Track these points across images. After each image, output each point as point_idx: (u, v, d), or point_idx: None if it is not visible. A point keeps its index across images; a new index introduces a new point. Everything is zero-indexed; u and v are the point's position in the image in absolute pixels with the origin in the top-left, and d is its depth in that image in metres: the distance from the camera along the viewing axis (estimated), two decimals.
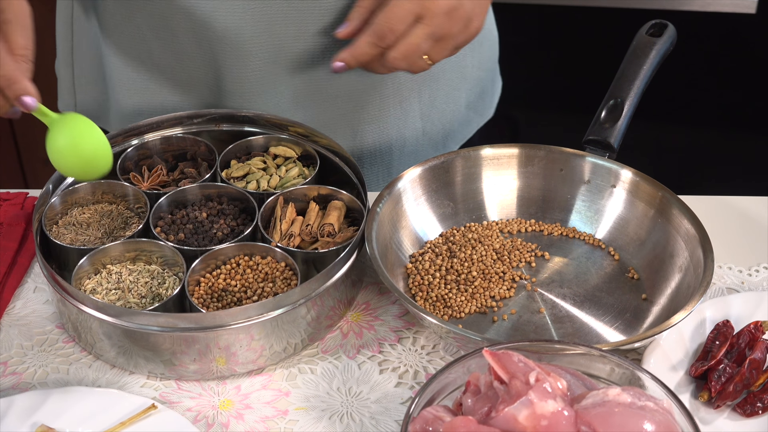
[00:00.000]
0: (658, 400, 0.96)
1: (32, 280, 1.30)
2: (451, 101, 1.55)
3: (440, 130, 1.56)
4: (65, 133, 1.14)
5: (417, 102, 1.50)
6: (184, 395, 1.17)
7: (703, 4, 2.38)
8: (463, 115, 1.60)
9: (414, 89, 1.49)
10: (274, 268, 1.23)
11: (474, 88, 1.59)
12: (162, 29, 1.37)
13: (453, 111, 1.57)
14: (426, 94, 1.51)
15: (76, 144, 1.14)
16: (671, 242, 1.27)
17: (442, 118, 1.56)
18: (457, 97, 1.56)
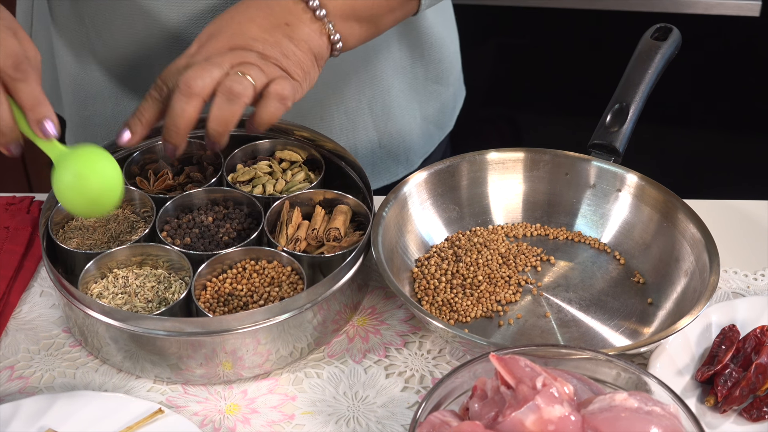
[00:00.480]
0: (665, 405, 0.96)
1: (38, 284, 1.31)
2: (405, 113, 1.55)
3: (399, 143, 1.56)
4: (69, 170, 1.12)
5: (369, 114, 1.50)
6: (190, 399, 1.17)
7: (707, 7, 2.38)
8: (423, 128, 1.59)
9: (363, 102, 1.49)
10: (281, 273, 1.23)
11: (431, 102, 1.59)
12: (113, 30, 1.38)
13: (410, 124, 1.57)
14: (378, 106, 1.51)
15: (80, 182, 1.11)
16: (677, 246, 1.27)
17: (401, 130, 1.55)
18: (412, 109, 1.56)
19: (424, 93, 1.57)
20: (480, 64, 2.69)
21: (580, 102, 2.36)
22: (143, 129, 1.19)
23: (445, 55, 1.57)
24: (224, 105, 1.15)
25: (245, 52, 1.18)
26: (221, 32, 1.20)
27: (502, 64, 2.68)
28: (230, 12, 1.22)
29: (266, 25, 1.21)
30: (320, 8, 1.21)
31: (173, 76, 1.18)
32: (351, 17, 1.24)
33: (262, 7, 1.22)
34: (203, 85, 1.15)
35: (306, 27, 1.21)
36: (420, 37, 1.50)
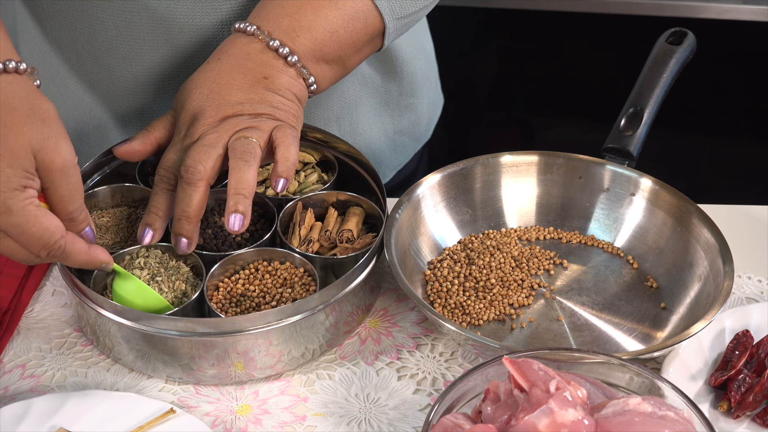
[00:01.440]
0: (679, 410, 0.96)
1: (51, 284, 1.31)
2: (375, 128, 1.55)
3: (371, 155, 1.55)
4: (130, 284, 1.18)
5: (337, 131, 1.49)
6: (202, 400, 1.17)
7: (720, 12, 2.38)
8: (394, 141, 1.59)
9: (331, 118, 1.48)
10: (293, 274, 1.23)
11: (404, 115, 1.58)
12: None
13: (381, 137, 1.56)
14: (346, 122, 1.50)
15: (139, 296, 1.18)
16: (690, 251, 1.26)
17: (371, 144, 1.55)
18: (381, 123, 1.55)
19: (396, 107, 1.56)
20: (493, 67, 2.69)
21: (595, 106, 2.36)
22: (163, 222, 1.21)
23: (418, 68, 1.56)
24: (242, 167, 1.15)
25: (236, 119, 1.19)
26: (205, 108, 1.20)
27: (516, 68, 2.68)
28: (205, 83, 1.22)
29: (246, 86, 1.21)
30: (291, 54, 1.23)
31: (174, 165, 1.19)
32: (320, 59, 1.25)
33: (235, 69, 1.22)
34: (205, 168, 1.16)
35: (283, 75, 1.23)
36: (389, 56, 1.50)
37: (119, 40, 1.35)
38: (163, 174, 1.20)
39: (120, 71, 1.38)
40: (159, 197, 1.20)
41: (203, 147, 1.17)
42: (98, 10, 1.32)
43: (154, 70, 1.37)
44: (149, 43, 1.34)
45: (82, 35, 1.36)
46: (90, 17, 1.34)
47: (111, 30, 1.34)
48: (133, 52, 1.35)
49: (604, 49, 2.53)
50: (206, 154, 1.16)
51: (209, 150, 1.16)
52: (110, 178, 1.34)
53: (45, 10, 1.36)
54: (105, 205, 1.32)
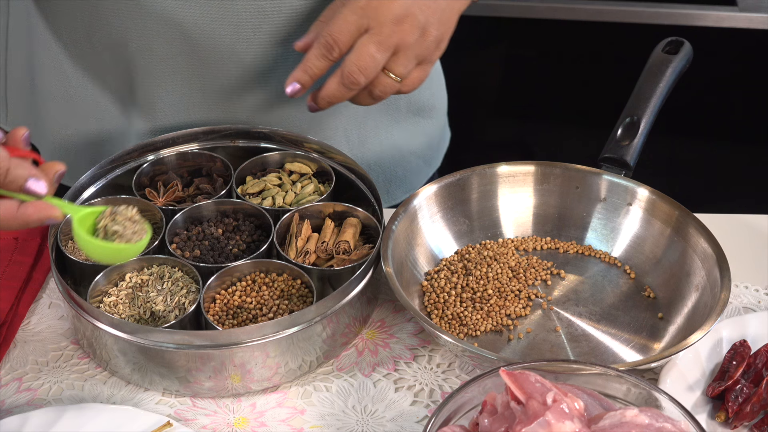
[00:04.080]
0: (676, 422, 0.96)
1: (47, 296, 1.30)
2: (385, 143, 1.53)
3: (379, 172, 1.54)
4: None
5: (345, 142, 1.49)
6: (199, 412, 1.16)
7: (717, 20, 2.38)
8: (408, 161, 1.58)
9: (339, 129, 1.48)
10: (290, 286, 1.22)
11: (414, 134, 1.57)
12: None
13: (392, 155, 1.55)
14: (354, 134, 1.50)
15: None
16: (688, 261, 1.26)
17: (381, 160, 1.54)
18: (392, 140, 1.54)
19: (406, 125, 1.55)
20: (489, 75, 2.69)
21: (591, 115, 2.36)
22: (310, 82, 1.25)
23: (431, 86, 1.56)
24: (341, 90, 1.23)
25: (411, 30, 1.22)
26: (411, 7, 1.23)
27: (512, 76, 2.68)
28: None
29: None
30: None
31: (346, 36, 1.21)
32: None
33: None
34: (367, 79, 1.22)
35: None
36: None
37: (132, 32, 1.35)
38: (331, 43, 1.22)
39: (136, 63, 1.38)
40: (320, 61, 1.23)
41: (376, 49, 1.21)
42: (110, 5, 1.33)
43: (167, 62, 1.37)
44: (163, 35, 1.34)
45: (96, 30, 1.36)
46: (103, 12, 1.34)
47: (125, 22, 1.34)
48: (146, 44, 1.35)
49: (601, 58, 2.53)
50: (372, 62, 1.21)
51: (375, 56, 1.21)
52: (106, 190, 1.34)
53: (57, 8, 1.37)
54: None
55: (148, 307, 1.20)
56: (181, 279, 1.23)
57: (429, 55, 1.26)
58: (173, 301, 1.21)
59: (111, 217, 1.11)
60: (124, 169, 1.36)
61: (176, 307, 1.20)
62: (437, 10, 1.24)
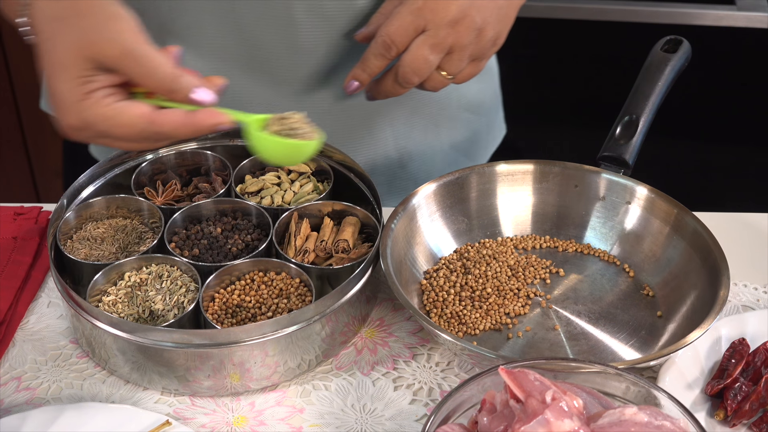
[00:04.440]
0: (675, 420, 0.96)
1: (46, 295, 1.30)
2: (430, 137, 1.54)
3: (420, 165, 1.55)
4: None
5: (390, 132, 1.49)
6: (198, 411, 1.16)
7: (716, 18, 2.38)
8: (449, 156, 1.58)
9: (386, 118, 1.48)
10: (289, 284, 1.22)
11: (461, 130, 1.57)
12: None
13: (434, 148, 1.55)
14: (400, 125, 1.50)
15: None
16: (686, 259, 1.26)
17: (423, 153, 1.54)
18: (436, 133, 1.54)
19: (453, 119, 1.55)
20: None
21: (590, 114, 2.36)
22: (368, 79, 1.28)
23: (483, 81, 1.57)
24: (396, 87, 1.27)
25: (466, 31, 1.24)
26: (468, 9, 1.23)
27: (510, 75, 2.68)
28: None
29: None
30: None
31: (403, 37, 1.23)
32: None
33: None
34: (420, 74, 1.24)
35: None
36: None
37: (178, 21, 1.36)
38: (389, 43, 1.24)
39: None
40: (378, 60, 1.26)
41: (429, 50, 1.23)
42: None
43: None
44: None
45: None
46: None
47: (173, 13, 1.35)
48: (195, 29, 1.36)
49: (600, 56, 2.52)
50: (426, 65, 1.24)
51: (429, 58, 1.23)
52: (105, 189, 1.34)
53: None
54: (100, 216, 1.32)
55: (147, 306, 1.20)
56: (180, 278, 1.23)
57: (484, 54, 1.28)
58: (172, 300, 1.21)
59: (280, 123, 1.13)
60: (122, 169, 1.36)
61: (175, 306, 1.20)
62: (495, 8, 1.25)
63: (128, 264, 1.24)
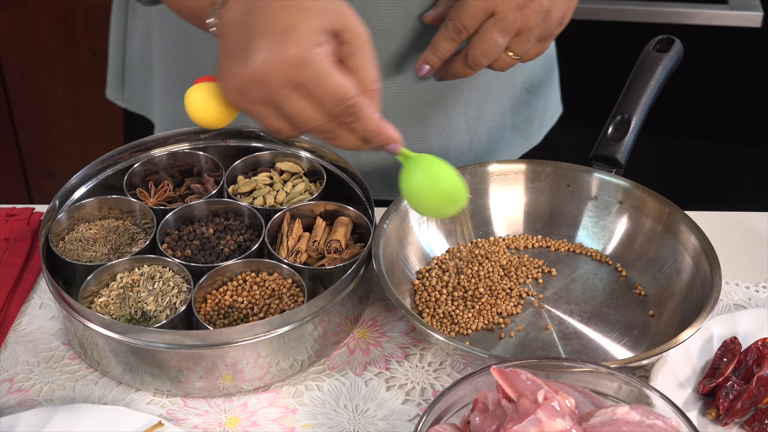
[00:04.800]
0: (667, 419, 0.96)
1: (38, 296, 1.30)
2: (497, 118, 1.54)
3: (486, 147, 1.55)
4: (422, 171, 1.12)
5: (463, 115, 1.49)
6: (190, 412, 1.16)
7: (708, 18, 2.38)
8: (509, 136, 1.58)
9: (460, 100, 1.48)
10: (281, 285, 1.22)
11: (521, 110, 1.58)
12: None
13: (499, 129, 1.56)
14: (473, 107, 1.50)
15: (434, 182, 1.13)
16: (678, 258, 1.26)
17: (489, 135, 1.54)
18: (502, 114, 1.55)
19: (516, 100, 1.56)
20: None
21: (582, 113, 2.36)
22: (438, 63, 1.29)
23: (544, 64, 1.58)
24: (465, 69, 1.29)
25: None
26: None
27: None
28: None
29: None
30: None
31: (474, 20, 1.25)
32: None
33: None
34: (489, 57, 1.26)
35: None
36: None
37: None
38: (459, 27, 1.25)
39: None
40: (449, 44, 1.27)
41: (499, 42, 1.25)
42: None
43: None
44: None
45: None
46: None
47: None
48: None
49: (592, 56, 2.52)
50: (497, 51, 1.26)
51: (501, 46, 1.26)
52: (97, 190, 1.34)
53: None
54: (92, 217, 1.32)
55: (139, 308, 1.20)
56: (172, 279, 1.23)
57: (550, 34, 1.30)
58: (164, 301, 1.21)
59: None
60: (114, 169, 1.36)
61: (167, 307, 1.20)
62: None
63: (120, 265, 1.24)
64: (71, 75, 2.65)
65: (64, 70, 2.64)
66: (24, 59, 2.63)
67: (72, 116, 2.72)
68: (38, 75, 2.65)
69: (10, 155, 2.77)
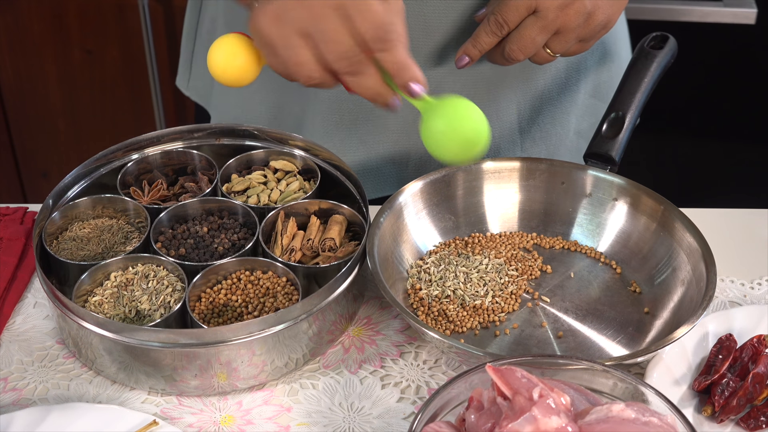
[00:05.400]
0: (662, 416, 0.96)
1: (32, 295, 1.30)
2: (557, 124, 1.53)
3: (543, 150, 1.54)
4: (442, 118, 1.12)
5: (516, 115, 1.49)
6: (185, 411, 1.16)
7: (702, 15, 2.38)
8: (571, 141, 1.57)
9: (513, 100, 1.48)
10: (276, 283, 1.22)
11: (585, 115, 1.57)
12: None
13: (559, 134, 1.55)
14: (526, 108, 1.50)
15: (453, 129, 1.12)
16: (673, 256, 1.26)
17: (546, 139, 1.54)
18: (565, 121, 1.54)
19: (581, 105, 1.55)
20: None
21: None
22: (478, 55, 1.30)
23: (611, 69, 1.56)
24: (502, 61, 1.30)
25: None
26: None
27: None
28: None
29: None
30: None
31: (515, 16, 1.26)
32: None
33: None
34: (525, 52, 1.27)
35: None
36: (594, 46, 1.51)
37: None
38: (501, 22, 1.26)
39: None
40: (490, 38, 1.28)
41: (537, 40, 1.26)
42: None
43: None
44: None
45: None
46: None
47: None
48: None
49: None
50: (535, 48, 1.27)
51: (536, 38, 1.26)
52: (91, 190, 1.34)
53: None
54: (86, 216, 1.32)
55: (133, 306, 1.20)
56: (166, 278, 1.23)
57: (592, 36, 1.31)
58: (158, 299, 1.20)
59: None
60: (108, 168, 1.36)
61: (161, 306, 1.20)
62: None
63: (114, 264, 1.23)
64: (65, 74, 2.64)
65: (58, 70, 2.64)
66: (18, 59, 2.62)
67: (66, 116, 2.71)
68: (32, 74, 2.65)
69: (4, 155, 2.77)
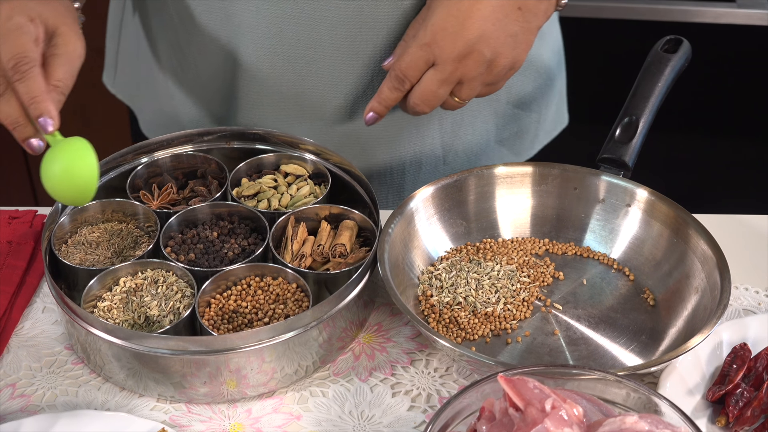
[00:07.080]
0: (676, 428, 0.95)
1: (41, 300, 1.29)
2: (477, 133, 1.53)
3: (464, 161, 1.54)
4: (59, 161, 1.11)
5: (438, 128, 1.48)
6: (194, 419, 1.15)
7: (716, 16, 2.37)
8: (494, 150, 1.57)
9: (434, 115, 1.47)
10: (286, 290, 1.21)
11: (508, 125, 1.56)
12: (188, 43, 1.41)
13: (480, 144, 1.54)
14: (448, 122, 1.49)
15: (68, 174, 1.11)
16: (687, 263, 1.25)
17: (467, 149, 1.53)
18: (485, 130, 1.54)
19: (502, 115, 1.55)
20: None
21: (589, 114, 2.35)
22: (385, 111, 1.30)
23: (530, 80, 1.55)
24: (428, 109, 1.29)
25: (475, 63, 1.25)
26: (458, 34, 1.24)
27: None
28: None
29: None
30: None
31: (414, 71, 1.26)
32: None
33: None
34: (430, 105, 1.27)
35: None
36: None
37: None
38: (401, 77, 1.27)
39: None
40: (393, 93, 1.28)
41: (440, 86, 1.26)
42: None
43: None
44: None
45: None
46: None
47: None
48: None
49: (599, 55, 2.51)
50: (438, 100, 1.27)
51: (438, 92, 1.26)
52: (100, 193, 1.32)
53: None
54: (95, 220, 1.31)
55: (142, 312, 1.19)
56: (175, 283, 1.22)
57: (498, 80, 1.30)
58: (168, 305, 1.20)
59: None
60: (117, 172, 1.35)
61: (171, 312, 1.19)
62: (507, 38, 1.25)
63: (123, 269, 1.23)
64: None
65: None
66: None
67: (77, 117, 2.70)
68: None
69: (15, 158, 2.76)
